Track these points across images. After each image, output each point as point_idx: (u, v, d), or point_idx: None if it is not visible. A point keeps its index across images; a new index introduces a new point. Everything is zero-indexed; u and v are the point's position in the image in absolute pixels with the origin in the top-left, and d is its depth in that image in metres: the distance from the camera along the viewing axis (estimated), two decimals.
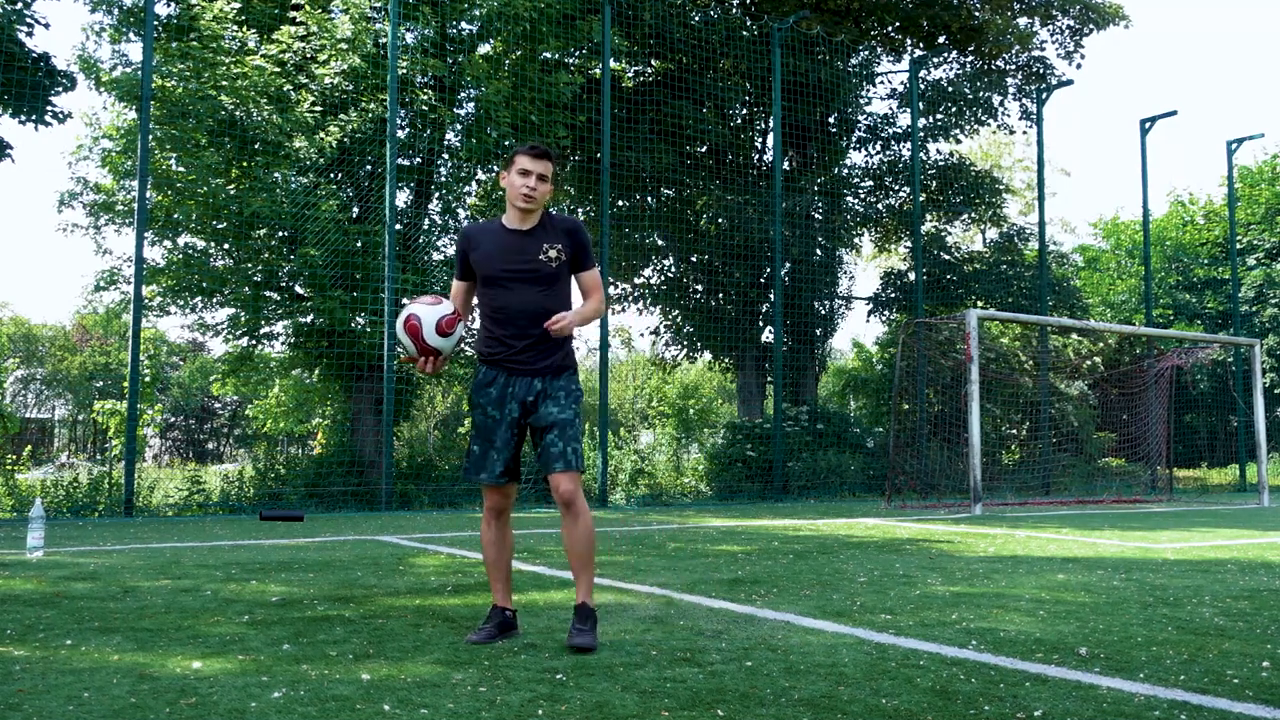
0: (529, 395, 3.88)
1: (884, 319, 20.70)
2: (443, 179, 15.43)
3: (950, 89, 20.19)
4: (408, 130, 14.49)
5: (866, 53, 19.73)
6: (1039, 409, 18.93)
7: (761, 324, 18.66)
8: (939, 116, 20.17)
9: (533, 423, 3.89)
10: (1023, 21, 20.29)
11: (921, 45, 20.24)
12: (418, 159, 14.85)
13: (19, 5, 12.64)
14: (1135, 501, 16.36)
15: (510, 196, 3.91)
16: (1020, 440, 19.96)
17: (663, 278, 19.75)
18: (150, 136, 12.26)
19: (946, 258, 20.42)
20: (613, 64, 15.60)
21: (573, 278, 4.04)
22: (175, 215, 13.44)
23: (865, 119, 20.28)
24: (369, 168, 14.22)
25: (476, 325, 4.24)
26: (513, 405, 3.88)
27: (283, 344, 15.14)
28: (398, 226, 13.67)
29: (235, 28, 13.48)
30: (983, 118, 20.54)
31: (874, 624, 4.25)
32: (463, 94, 15.02)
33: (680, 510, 13.36)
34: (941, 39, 20.06)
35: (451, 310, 3.87)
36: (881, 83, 21.76)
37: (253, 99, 12.92)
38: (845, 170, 20.37)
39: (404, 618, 4.32)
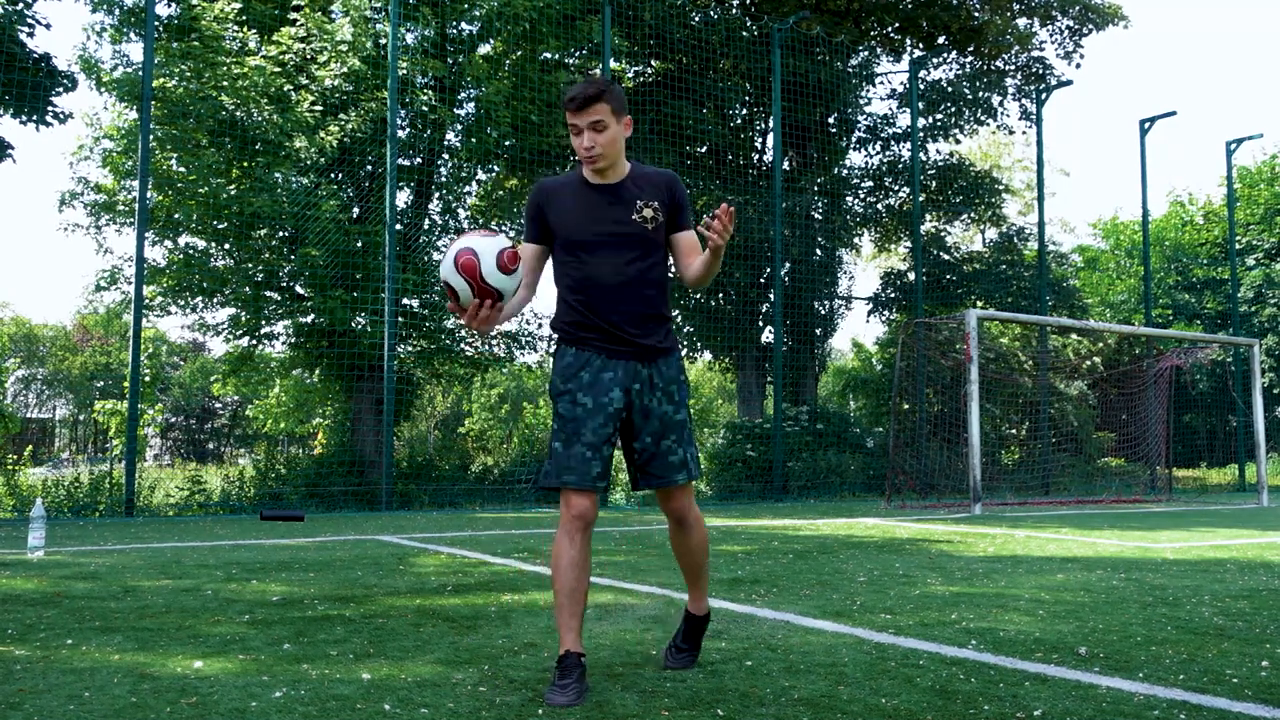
0: (634, 382, 3.22)
1: (884, 319, 20.72)
2: (443, 179, 15.44)
3: (950, 89, 20.21)
4: (408, 130, 14.50)
5: (866, 53, 19.75)
6: (1038, 409, 18.94)
7: (761, 324, 18.67)
8: (939, 117, 20.19)
9: (638, 420, 3.24)
10: (1022, 22, 20.31)
11: (921, 46, 20.26)
12: (418, 159, 14.87)
13: (19, 6, 12.64)
14: (1134, 501, 16.36)
15: (581, 159, 3.29)
16: (1020, 440, 19.97)
17: None
18: (151, 136, 12.27)
19: (946, 258, 20.45)
20: (613, 64, 15.60)
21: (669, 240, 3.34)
22: (176, 215, 13.46)
23: (865, 119, 20.31)
24: (369, 168, 14.24)
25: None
26: (615, 393, 3.19)
27: (283, 344, 15.17)
28: (398, 226, 13.68)
29: (236, 28, 13.49)
30: (982, 118, 20.57)
31: (874, 624, 4.25)
32: (463, 94, 15.04)
33: None
34: (941, 39, 20.08)
35: (511, 245, 3.10)
36: (881, 83, 21.81)
37: (253, 99, 12.94)
38: (845, 170, 20.38)
39: (404, 618, 4.33)
